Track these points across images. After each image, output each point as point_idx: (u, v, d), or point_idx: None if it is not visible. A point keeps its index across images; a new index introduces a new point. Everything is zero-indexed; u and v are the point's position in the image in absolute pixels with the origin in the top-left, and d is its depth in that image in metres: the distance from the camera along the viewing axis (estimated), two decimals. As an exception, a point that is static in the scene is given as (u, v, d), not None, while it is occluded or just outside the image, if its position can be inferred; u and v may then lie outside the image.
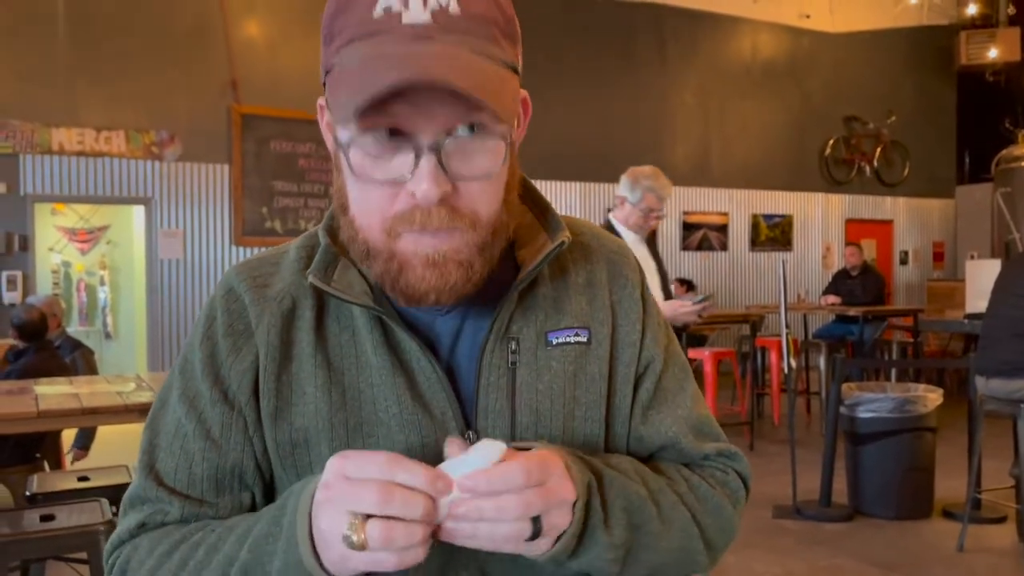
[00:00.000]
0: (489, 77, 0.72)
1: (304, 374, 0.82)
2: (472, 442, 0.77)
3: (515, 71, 0.77)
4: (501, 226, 0.79)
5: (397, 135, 0.73)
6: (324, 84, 0.79)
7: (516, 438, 0.82)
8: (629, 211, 3.48)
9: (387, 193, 0.74)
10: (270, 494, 0.86)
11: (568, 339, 0.86)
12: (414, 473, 0.65)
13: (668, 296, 3.68)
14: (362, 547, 0.63)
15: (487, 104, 0.69)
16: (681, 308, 3.48)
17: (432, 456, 0.78)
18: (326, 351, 0.83)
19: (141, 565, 0.79)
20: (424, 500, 0.64)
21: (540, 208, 0.89)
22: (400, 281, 0.76)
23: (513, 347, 0.84)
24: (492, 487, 0.67)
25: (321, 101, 0.83)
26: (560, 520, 0.71)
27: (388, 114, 0.71)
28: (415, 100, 0.70)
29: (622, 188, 3.51)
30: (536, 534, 0.69)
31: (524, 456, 0.70)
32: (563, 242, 0.83)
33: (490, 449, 0.69)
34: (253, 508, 0.85)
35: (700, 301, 3.58)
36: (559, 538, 0.72)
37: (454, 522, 0.67)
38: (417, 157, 0.72)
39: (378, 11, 0.73)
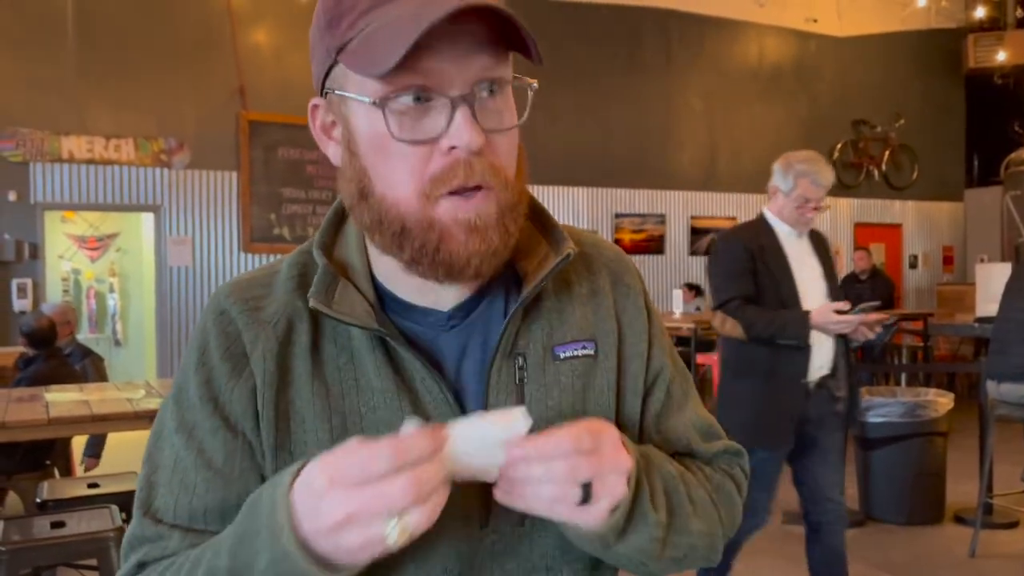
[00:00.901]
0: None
1: (302, 401, 0.79)
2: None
3: None
4: (523, 191, 0.79)
5: (423, 96, 0.72)
6: (327, 73, 0.78)
7: None
8: (783, 203, 3.03)
9: (421, 156, 0.73)
10: None
11: (576, 352, 0.85)
12: (418, 447, 0.63)
13: (836, 299, 3.00)
14: (406, 536, 0.63)
15: (531, 35, 0.70)
16: (835, 318, 2.82)
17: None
18: (323, 376, 0.80)
19: None
20: (439, 466, 0.64)
21: (539, 216, 0.88)
22: (441, 252, 0.74)
23: (520, 363, 0.82)
24: (542, 453, 0.68)
25: (315, 101, 0.81)
26: (616, 488, 0.72)
27: (417, 72, 0.70)
28: (442, 55, 0.70)
29: (775, 177, 3.08)
30: (586, 498, 0.70)
31: (576, 423, 0.71)
32: (569, 254, 0.82)
33: (512, 418, 0.68)
34: None
35: (863, 311, 2.91)
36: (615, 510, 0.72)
37: (505, 486, 0.69)
38: (452, 110, 0.72)
39: None
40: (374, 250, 0.81)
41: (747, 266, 2.88)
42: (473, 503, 0.78)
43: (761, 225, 3.03)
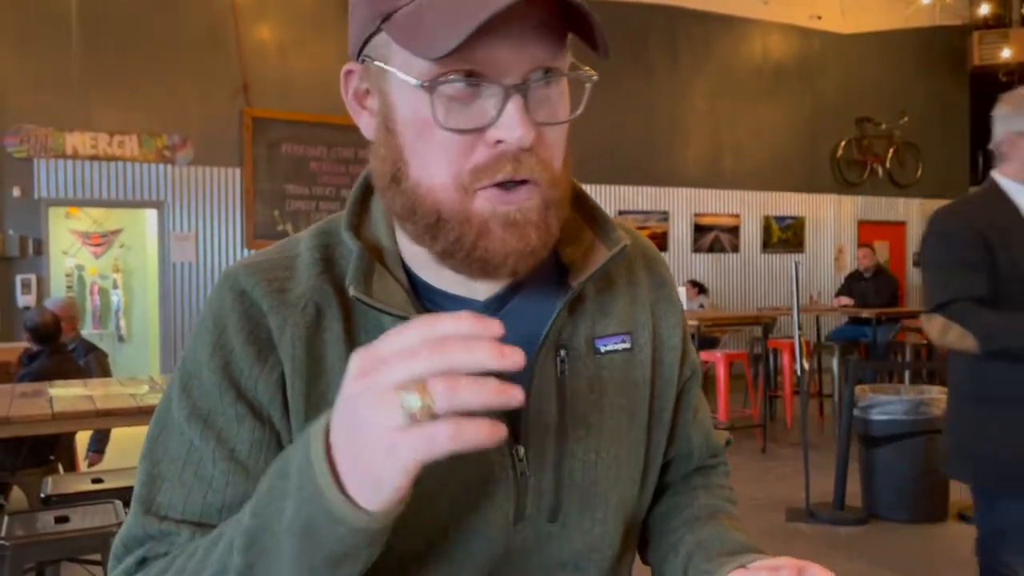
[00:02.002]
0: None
1: (333, 392, 0.71)
2: (519, 457, 0.76)
3: None
4: (569, 185, 0.75)
5: (474, 80, 0.67)
6: (363, 44, 0.72)
7: (567, 451, 0.78)
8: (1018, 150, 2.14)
9: (464, 145, 0.68)
10: None
11: (616, 346, 0.82)
12: (458, 319, 0.52)
13: None
14: (428, 412, 0.51)
15: (598, 23, 0.66)
16: None
17: (478, 476, 0.75)
18: None
19: None
20: (484, 344, 0.51)
21: (581, 202, 0.83)
22: (478, 248, 0.70)
23: (562, 355, 0.78)
24: None
25: (350, 67, 0.75)
26: None
27: (469, 55, 0.65)
28: (500, 38, 0.65)
29: (1009, 122, 2.17)
30: None
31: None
32: (626, 245, 0.79)
33: None
34: None
35: None
36: None
37: None
38: (504, 99, 0.66)
39: None
40: (403, 234, 0.77)
41: (978, 255, 2.10)
42: (506, 500, 0.76)
43: (994, 196, 2.19)
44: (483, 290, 0.77)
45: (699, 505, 0.90)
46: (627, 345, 0.83)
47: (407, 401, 0.51)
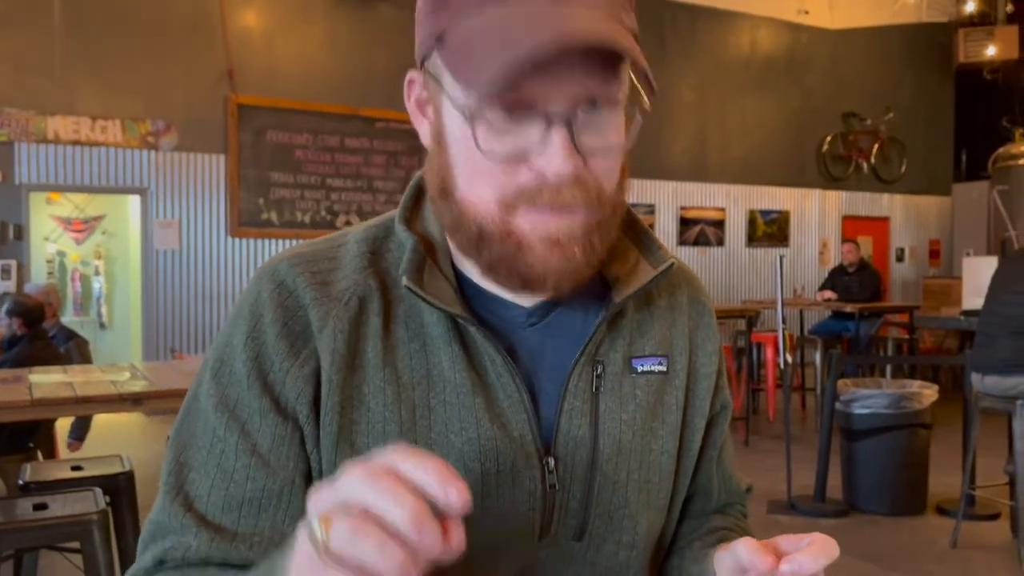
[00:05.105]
0: (633, 44, 0.67)
1: (371, 388, 0.73)
2: (549, 469, 0.75)
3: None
4: (619, 204, 0.74)
5: (521, 106, 0.66)
6: (424, 57, 0.72)
7: (598, 468, 0.77)
8: None
9: (507, 167, 0.68)
10: None
11: (652, 367, 0.81)
12: (429, 469, 0.49)
13: None
14: (325, 549, 0.47)
15: (645, 67, 0.65)
16: None
17: (507, 480, 0.74)
18: (394, 363, 0.74)
19: None
20: (413, 501, 0.47)
21: (631, 223, 0.83)
22: (519, 263, 0.70)
23: (599, 371, 0.78)
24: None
25: (411, 75, 0.75)
26: None
27: (514, 85, 0.64)
28: (547, 69, 0.64)
29: None
30: None
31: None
32: (672, 264, 0.79)
33: None
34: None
35: None
36: None
37: None
38: (547, 129, 0.66)
39: None
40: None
41: None
42: (533, 512, 0.75)
43: None
44: (528, 298, 0.77)
45: (710, 527, 0.89)
46: (663, 368, 0.82)
47: (312, 528, 0.48)
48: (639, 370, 0.80)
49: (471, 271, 0.77)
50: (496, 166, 0.68)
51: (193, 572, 0.71)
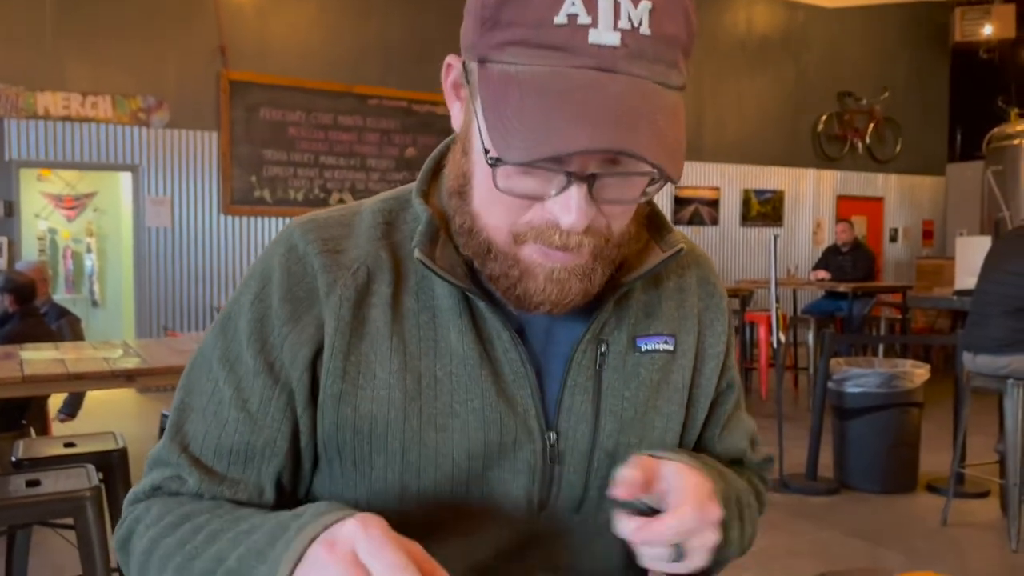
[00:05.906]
0: (674, 137, 0.67)
1: (377, 356, 0.75)
2: (550, 443, 0.77)
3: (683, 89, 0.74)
4: (628, 238, 0.76)
5: (538, 171, 0.67)
6: (466, 57, 0.72)
7: (598, 443, 0.80)
8: None
9: (523, 203, 0.69)
10: (297, 476, 0.81)
11: (657, 346, 0.83)
12: None
13: None
14: None
15: (669, 173, 0.65)
16: None
17: (508, 452, 0.76)
18: (402, 332, 0.76)
19: (147, 529, 0.76)
20: None
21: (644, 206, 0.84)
22: (519, 287, 0.72)
23: (603, 349, 0.80)
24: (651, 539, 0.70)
25: (451, 60, 0.75)
26: (709, 540, 0.72)
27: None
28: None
29: None
30: (679, 557, 0.70)
31: (685, 500, 0.70)
32: (682, 248, 0.81)
33: None
34: (278, 491, 0.78)
35: None
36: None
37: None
38: (567, 183, 0.67)
39: (561, 17, 0.63)
40: None
41: None
42: (533, 484, 0.78)
43: None
44: None
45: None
46: (669, 347, 0.84)
47: None
48: (644, 349, 0.82)
49: None
50: (511, 199, 0.69)
51: (186, 499, 0.76)
